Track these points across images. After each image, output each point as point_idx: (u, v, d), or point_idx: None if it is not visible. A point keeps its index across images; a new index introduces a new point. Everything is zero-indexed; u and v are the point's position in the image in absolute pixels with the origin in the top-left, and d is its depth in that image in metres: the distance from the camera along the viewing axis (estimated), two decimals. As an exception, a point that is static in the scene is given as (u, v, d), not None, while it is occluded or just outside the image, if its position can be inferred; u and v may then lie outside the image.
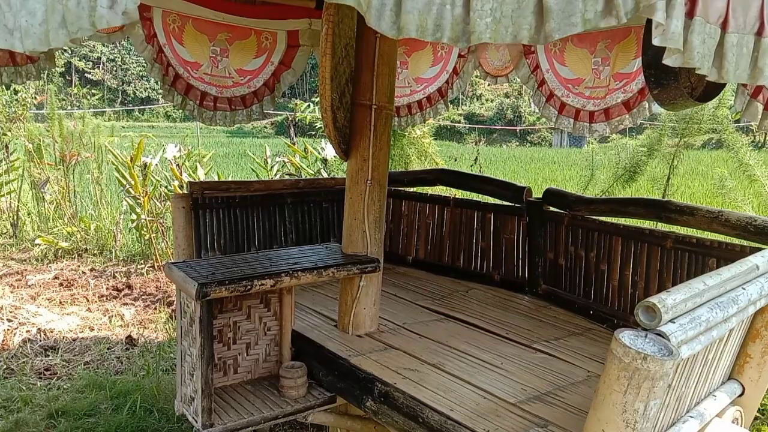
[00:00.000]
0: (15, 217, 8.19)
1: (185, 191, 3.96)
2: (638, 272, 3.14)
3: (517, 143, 36.27)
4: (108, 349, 4.90)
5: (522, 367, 2.65)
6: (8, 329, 5.07)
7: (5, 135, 8.59)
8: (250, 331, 2.94)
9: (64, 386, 4.27)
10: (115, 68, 41.81)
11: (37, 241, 7.49)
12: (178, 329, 2.73)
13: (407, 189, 4.53)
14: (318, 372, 2.84)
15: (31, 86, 9.02)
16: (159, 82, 4.03)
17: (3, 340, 4.88)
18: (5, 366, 4.52)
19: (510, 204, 3.85)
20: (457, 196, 4.45)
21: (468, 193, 4.51)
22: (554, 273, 3.62)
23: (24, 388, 4.20)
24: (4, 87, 8.11)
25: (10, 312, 5.38)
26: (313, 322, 3.20)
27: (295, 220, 4.24)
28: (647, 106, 4.09)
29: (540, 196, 3.70)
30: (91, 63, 40.81)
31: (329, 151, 6.34)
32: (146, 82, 42.19)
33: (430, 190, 5.30)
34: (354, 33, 3.09)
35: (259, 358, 2.98)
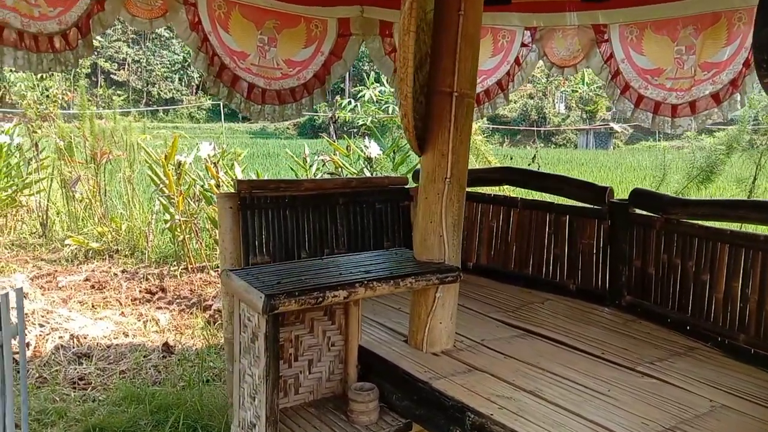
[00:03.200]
0: (44, 217, 8.00)
1: (232, 190, 3.66)
2: (749, 284, 2.75)
3: (542, 144, 35.67)
4: (144, 356, 4.62)
5: (632, 394, 2.29)
6: (40, 335, 4.82)
7: (35, 133, 8.42)
8: (313, 346, 2.63)
9: (100, 398, 3.99)
10: (140, 69, 42.01)
11: (67, 241, 7.27)
12: (236, 345, 2.42)
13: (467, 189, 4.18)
14: (391, 395, 2.51)
15: (62, 83, 8.85)
16: (204, 73, 3.74)
17: (35, 347, 4.63)
18: (37, 375, 4.26)
19: (588, 206, 3.49)
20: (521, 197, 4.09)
21: (533, 194, 4.16)
22: (641, 283, 3.25)
23: (57, 399, 3.93)
24: (35, 83, 7.94)
25: (42, 317, 5.12)
26: (378, 336, 2.87)
27: (347, 222, 3.91)
28: (739, 98, 3.71)
29: (625, 197, 3.33)
30: (116, 64, 41.03)
31: (374, 149, 6.02)
32: (170, 83, 42.33)
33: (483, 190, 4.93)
34: (425, 14, 2.76)
35: (322, 376, 2.66)
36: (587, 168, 19.79)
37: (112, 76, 40.62)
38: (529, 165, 5.98)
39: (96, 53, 38.00)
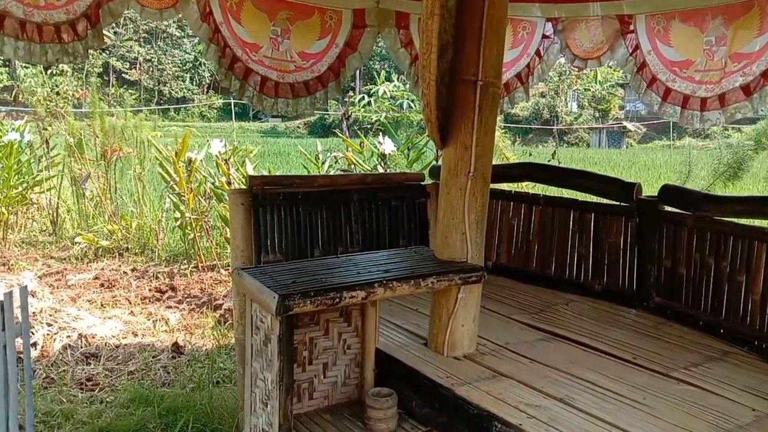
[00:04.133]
0: (55, 215, 7.94)
1: (243, 186, 3.56)
2: (790, 286, 2.60)
3: (554, 144, 35.33)
4: (153, 357, 4.51)
5: (669, 403, 2.15)
6: (48, 334, 4.73)
7: (45, 130, 8.36)
8: (328, 349, 2.50)
9: (108, 399, 3.88)
10: (151, 69, 42.07)
11: (77, 239, 7.20)
12: (248, 347, 2.30)
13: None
14: (410, 401, 2.38)
15: (73, 80, 8.78)
16: (215, 65, 3.63)
17: (42, 346, 4.54)
18: (45, 375, 4.17)
19: (615, 203, 3.34)
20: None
21: (552, 190, 4.01)
22: (671, 284, 3.10)
23: (64, 400, 3.83)
24: (44, 80, 7.88)
25: (50, 315, 5.03)
26: (396, 338, 2.74)
27: (362, 220, 3.78)
28: (772, 90, 3.54)
29: (654, 193, 3.18)
30: (128, 63, 41.11)
31: (388, 146, 5.90)
32: (182, 83, 42.37)
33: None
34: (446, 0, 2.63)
35: (337, 381, 2.53)
36: (601, 167, 19.55)
37: (123, 75, 40.71)
38: (548, 161, 5.83)
39: (107, 52, 38.12)
